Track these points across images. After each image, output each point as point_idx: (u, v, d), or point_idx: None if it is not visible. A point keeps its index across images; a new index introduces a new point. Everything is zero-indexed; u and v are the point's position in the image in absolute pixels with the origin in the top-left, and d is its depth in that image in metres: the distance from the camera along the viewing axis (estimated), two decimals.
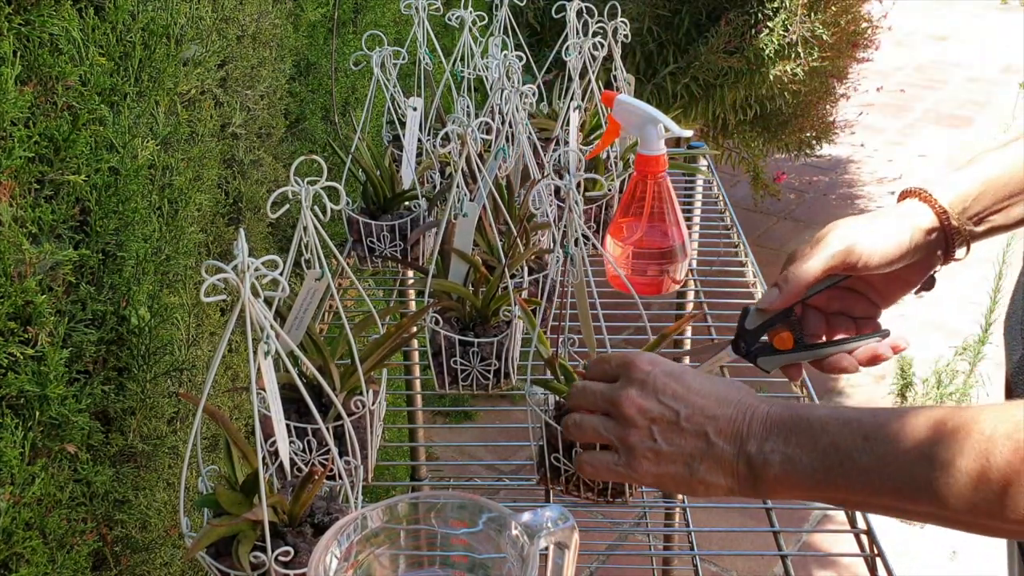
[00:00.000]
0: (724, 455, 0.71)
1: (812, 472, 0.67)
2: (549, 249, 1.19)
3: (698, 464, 0.71)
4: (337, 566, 0.63)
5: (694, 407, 0.72)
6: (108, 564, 1.12)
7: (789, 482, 0.68)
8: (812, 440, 0.67)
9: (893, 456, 0.64)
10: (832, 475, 0.66)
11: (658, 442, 0.73)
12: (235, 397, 1.42)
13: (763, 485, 0.70)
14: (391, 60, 1.30)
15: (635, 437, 0.73)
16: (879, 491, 0.65)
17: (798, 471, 0.68)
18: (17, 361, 0.93)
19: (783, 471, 0.68)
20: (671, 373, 0.74)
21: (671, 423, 0.72)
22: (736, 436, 0.70)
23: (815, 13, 2.84)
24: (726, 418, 0.71)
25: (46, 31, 0.95)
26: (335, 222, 1.68)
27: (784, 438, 0.68)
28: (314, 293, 0.87)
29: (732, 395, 0.73)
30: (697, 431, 0.72)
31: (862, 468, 0.65)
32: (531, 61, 1.36)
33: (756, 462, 0.69)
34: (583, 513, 2.17)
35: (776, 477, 0.68)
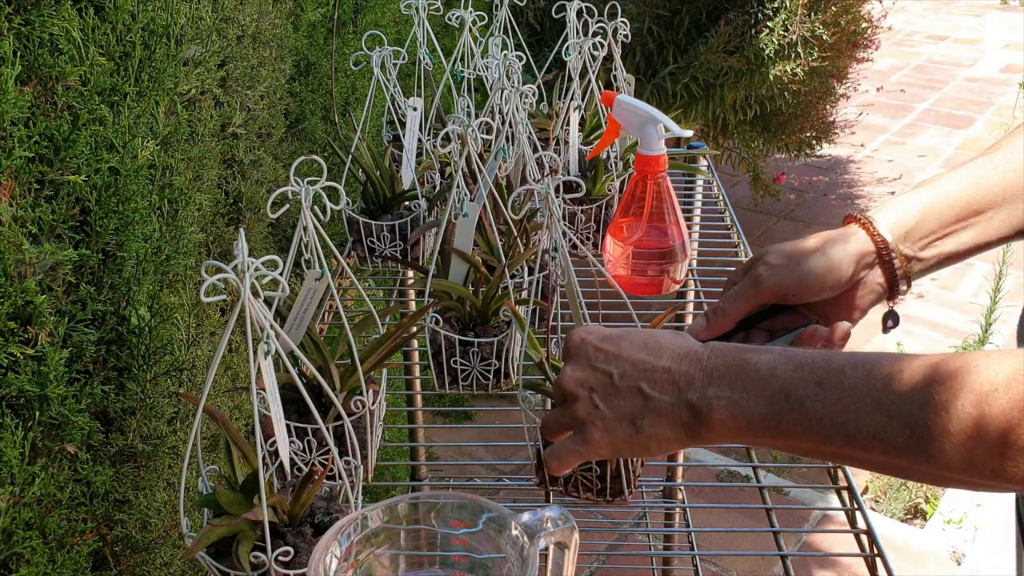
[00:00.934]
0: (663, 406, 0.69)
1: (761, 418, 0.65)
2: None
3: (640, 420, 0.70)
4: (337, 566, 0.63)
5: (626, 364, 0.71)
6: (108, 564, 1.12)
7: (735, 426, 0.66)
8: (760, 385, 0.65)
9: (848, 404, 0.62)
10: (782, 421, 0.64)
11: (600, 408, 0.71)
12: (235, 397, 1.42)
13: (708, 431, 0.68)
14: (391, 60, 1.30)
15: (581, 410, 0.72)
16: (830, 439, 0.63)
17: (745, 416, 0.66)
18: (17, 361, 0.93)
19: (729, 415, 0.66)
20: (605, 338, 0.73)
21: (608, 386, 0.71)
22: (673, 385, 0.69)
23: (815, 13, 2.84)
24: (660, 368, 0.69)
25: (46, 31, 0.95)
26: (335, 222, 1.68)
27: (729, 383, 0.66)
28: (314, 293, 0.87)
29: (667, 345, 0.71)
30: (632, 388, 0.70)
31: (815, 415, 0.63)
32: (531, 61, 1.36)
33: (700, 408, 0.67)
34: (583, 513, 2.17)
35: (722, 421, 0.67)
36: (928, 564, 2.33)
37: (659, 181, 1.13)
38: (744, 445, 0.69)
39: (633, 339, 0.72)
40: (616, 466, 0.89)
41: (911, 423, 0.59)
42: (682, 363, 0.69)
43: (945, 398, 0.58)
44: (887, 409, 0.60)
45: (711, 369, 0.68)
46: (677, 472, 1.88)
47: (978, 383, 0.57)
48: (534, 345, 0.96)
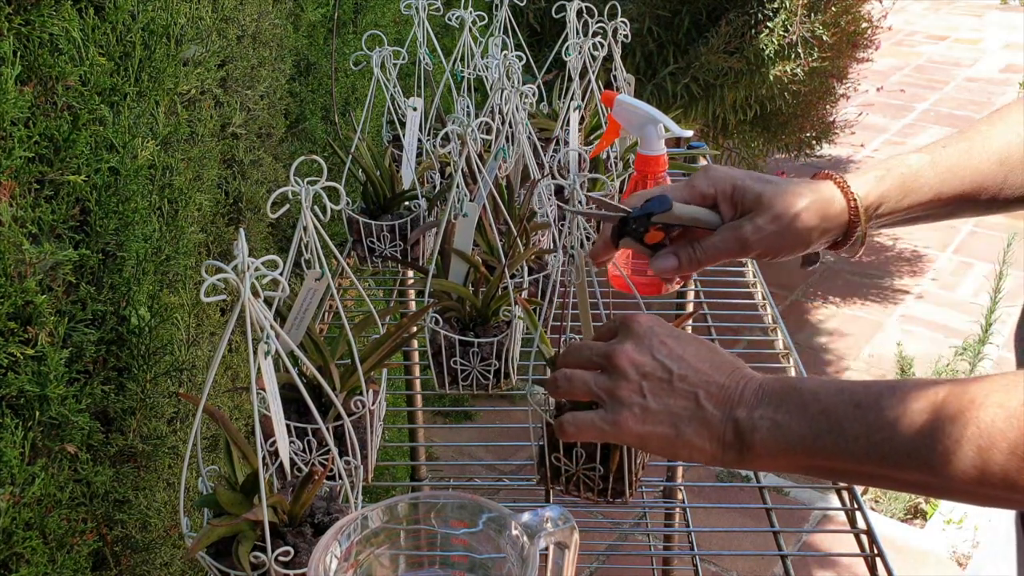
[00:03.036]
0: (712, 419, 0.70)
1: (800, 438, 0.67)
2: (549, 249, 1.19)
3: (685, 426, 0.71)
4: (337, 566, 0.63)
5: (688, 368, 0.72)
6: (108, 564, 1.12)
7: (775, 448, 0.68)
8: (802, 407, 0.67)
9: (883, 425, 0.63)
10: (820, 441, 0.66)
11: (647, 398, 0.71)
12: (235, 397, 1.42)
13: (749, 452, 0.69)
14: (391, 60, 1.30)
15: (624, 391, 0.72)
16: (866, 459, 0.64)
17: (786, 437, 0.67)
18: (17, 361, 0.93)
19: (770, 436, 0.67)
20: (671, 334, 0.74)
21: (663, 380, 0.72)
22: (727, 402, 0.70)
23: (815, 13, 2.84)
24: (718, 384, 0.71)
25: (46, 31, 0.95)
26: (335, 222, 1.68)
27: (775, 406, 0.68)
28: (314, 293, 0.87)
29: (728, 364, 0.73)
30: (688, 392, 0.71)
31: (851, 435, 0.64)
32: (531, 61, 1.36)
33: (744, 427, 0.68)
34: (583, 513, 2.17)
35: (763, 442, 0.68)
36: (928, 564, 2.33)
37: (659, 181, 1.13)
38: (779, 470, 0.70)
39: (699, 348, 0.74)
40: (619, 467, 0.89)
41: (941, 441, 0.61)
42: (739, 383, 0.71)
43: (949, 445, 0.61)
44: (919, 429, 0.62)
45: (762, 394, 0.69)
46: (677, 472, 1.88)
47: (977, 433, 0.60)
48: (545, 341, 0.96)
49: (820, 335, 3.32)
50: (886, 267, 3.70)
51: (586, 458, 0.89)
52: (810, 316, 3.43)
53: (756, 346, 1.28)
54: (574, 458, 0.90)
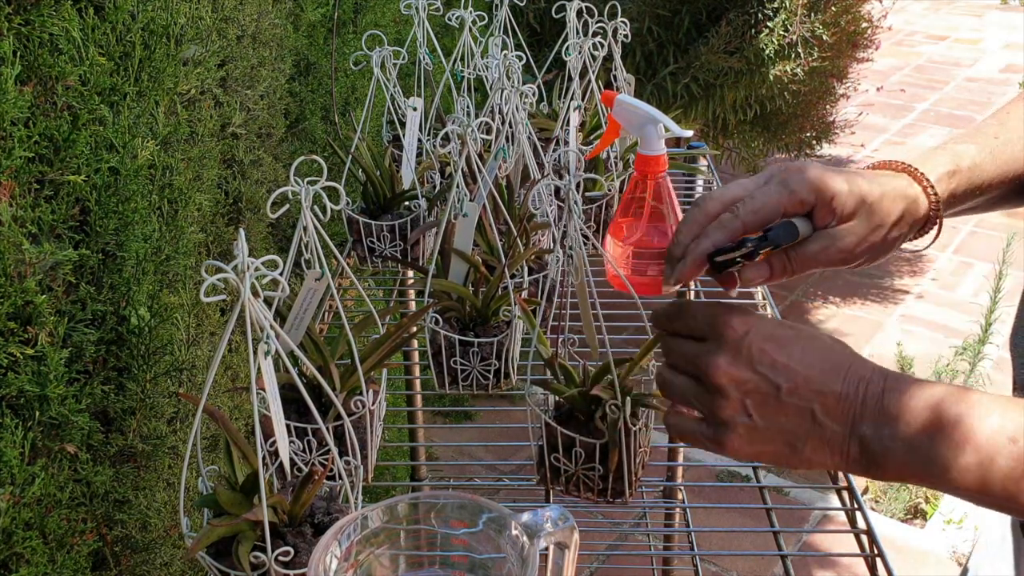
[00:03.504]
0: (834, 437, 0.63)
1: (944, 467, 0.61)
2: (549, 249, 1.19)
3: (802, 444, 0.64)
4: (337, 566, 0.63)
5: (797, 380, 0.64)
6: (108, 564, 1.12)
7: (910, 472, 0.62)
8: (945, 427, 0.60)
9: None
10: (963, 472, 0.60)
11: (753, 418, 0.64)
12: (235, 397, 1.42)
13: (878, 470, 0.63)
14: (391, 60, 1.30)
15: (727, 411, 0.65)
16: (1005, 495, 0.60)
17: (925, 465, 0.61)
18: (17, 361, 0.93)
19: (907, 460, 0.61)
20: (770, 337, 0.66)
21: (769, 396, 0.64)
22: (848, 415, 0.63)
23: (815, 13, 2.84)
24: (835, 395, 0.63)
25: (46, 31, 0.95)
26: (335, 222, 1.68)
27: (906, 422, 0.61)
28: (314, 293, 0.87)
29: (842, 364, 0.64)
30: (801, 408, 0.64)
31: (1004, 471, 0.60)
32: (531, 61, 1.36)
33: (873, 448, 0.62)
34: (583, 513, 2.17)
35: (897, 466, 0.62)
36: (928, 564, 2.33)
37: (659, 181, 1.13)
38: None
39: (805, 350, 0.65)
40: (618, 467, 0.89)
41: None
42: (858, 390, 0.64)
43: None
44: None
45: (888, 404, 0.62)
46: (677, 472, 1.88)
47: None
48: (543, 342, 0.96)
49: None
50: (886, 267, 3.70)
51: (585, 458, 0.89)
52: (810, 316, 3.43)
53: None
54: (573, 458, 0.90)
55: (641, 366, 0.91)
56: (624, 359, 0.91)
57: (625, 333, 1.16)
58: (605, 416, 0.88)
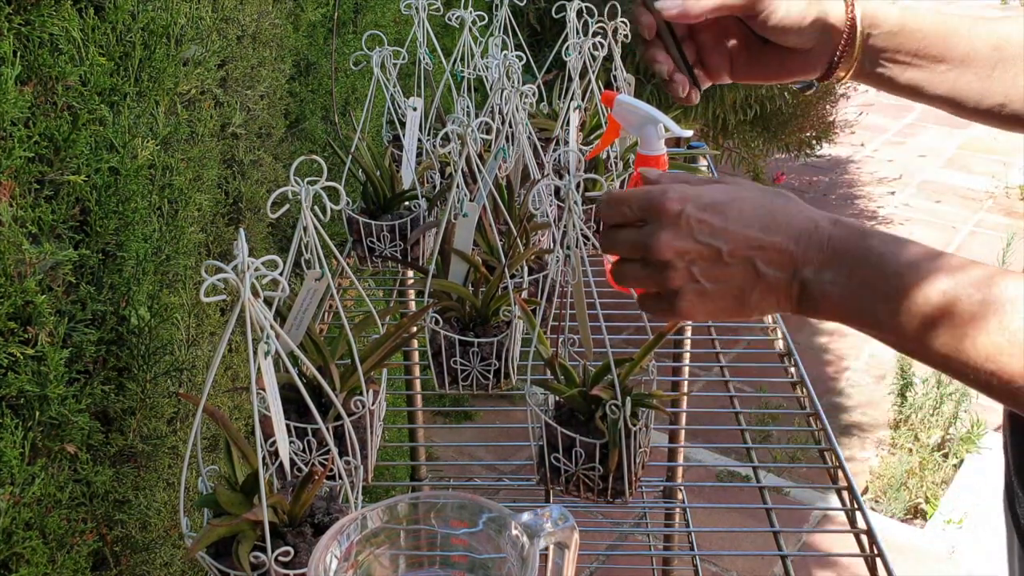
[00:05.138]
0: (778, 283, 0.67)
1: (872, 313, 0.64)
2: (549, 249, 1.19)
3: (749, 295, 0.68)
4: (337, 566, 0.63)
5: (737, 240, 0.68)
6: (108, 564, 1.12)
7: (846, 314, 0.66)
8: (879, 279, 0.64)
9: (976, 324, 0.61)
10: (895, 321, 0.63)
11: (701, 283, 0.68)
12: (235, 397, 1.42)
13: (813, 311, 0.67)
14: (391, 60, 1.30)
15: (677, 281, 0.69)
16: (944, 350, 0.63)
17: (858, 309, 0.65)
18: (17, 361, 0.93)
19: (840, 302, 0.65)
20: (707, 206, 0.69)
21: (713, 261, 0.68)
22: (790, 263, 0.67)
23: None
24: (774, 247, 0.67)
25: (46, 31, 0.95)
26: (335, 222, 1.68)
27: (848, 271, 0.65)
28: (314, 293, 0.87)
29: (780, 217, 0.68)
30: (744, 265, 0.68)
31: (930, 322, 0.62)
32: (531, 61, 1.36)
33: (812, 290, 0.66)
34: (583, 513, 2.17)
35: (830, 308, 0.66)
36: (928, 564, 2.33)
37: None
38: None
39: (743, 209, 0.69)
40: (618, 467, 0.89)
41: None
42: (799, 243, 0.67)
43: None
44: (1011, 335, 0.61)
45: (831, 252, 0.66)
46: (677, 472, 1.88)
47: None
48: (543, 342, 0.96)
49: (820, 335, 3.32)
50: None
51: (585, 458, 0.89)
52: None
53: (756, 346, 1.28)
54: (573, 458, 0.90)
55: (641, 366, 0.91)
56: (624, 359, 0.91)
57: (625, 333, 1.16)
58: (605, 416, 0.88)
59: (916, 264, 0.64)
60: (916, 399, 2.75)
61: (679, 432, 1.74)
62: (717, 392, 1.22)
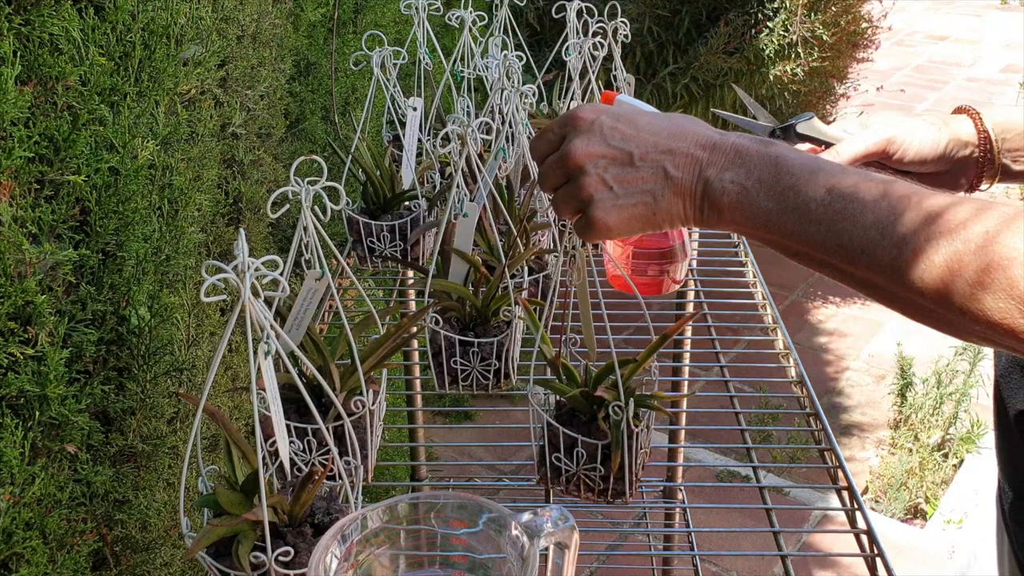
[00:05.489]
0: (683, 183, 0.69)
1: (765, 212, 0.66)
2: (549, 249, 1.19)
3: (659, 198, 0.70)
4: (337, 566, 0.63)
5: (647, 145, 0.70)
6: (108, 564, 1.12)
7: (741, 215, 0.67)
8: (774, 179, 0.66)
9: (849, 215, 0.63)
10: (785, 219, 0.65)
11: (614, 189, 0.70)
12: (235, 397, 1.42)
13: (715, 214, 0.69)
14: (391, 60, 1.30)
15: (588, 189, 0.71)
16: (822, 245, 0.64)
17: (752, 206, 0.67)
18: (17, 361, 0.93)
19: (738, 201, 0.67)
20: (619, 116, 0.71)
21: (624, 165, 0.70)
22: (695, 165, 0.69)
23: (815, 13, 2.84)
24: (682, 152, 0.70)
25: (46, 31, 0.95)
26: (335, 222, 1.68)
27: (746, 171, 0.67)
28: (314, 293, 0.86)
29: (688, 128, 0.71)
30: (654, 168, 0.70)
31: (815, 218, 0.64)
32: (531, 61, 1.36)
33: (714, 189, 0.68)
34: (583, 513, 2.17)
35: (730, 205, 0.67)
36: (928, 564, 2.33)
37: None
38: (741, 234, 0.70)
39: (653, 121, 0.71)
40: (619, 467, 0.89)
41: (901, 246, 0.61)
42: (706, 149, 0.69)
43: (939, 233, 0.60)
44: (883, 228, 0.62)
45: (734, 155, 0.68)
46: (677, 472, 1.88)
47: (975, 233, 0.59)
48: (546, 342, 0.96)
49: (820, 335, 3.32)
50: None
51: (587, 459, 0.89)
52: (810, 316, 3.43)
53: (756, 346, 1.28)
54: (575, 458, 0.90)
55: (644, 367, 0.91)
56: (627, 359, 0.91)
57: (625, 333, 1.16)
58: (608, 417, 0.88)
59: (809, 166, 0.66)
60: (916, 399, 2.75)
61: (679, 432, 1.74)
62: (717, 392, 1.22)
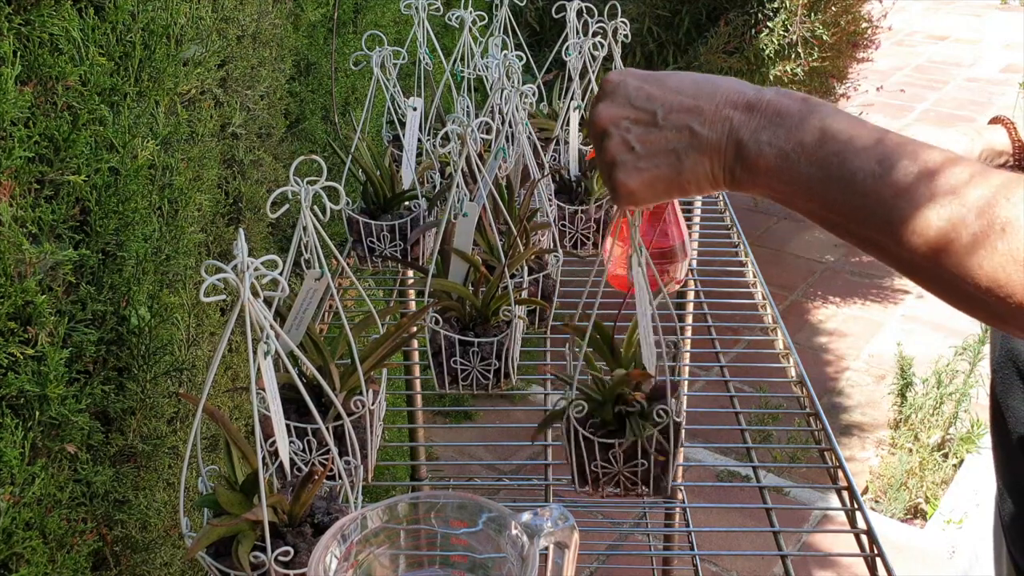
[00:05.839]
0: (711, 142, 0.65)
1: (807, 179, 0.61)
2: (549, 249, 1.19)
3: (684, 159, 0.66)
4: (337, 566, 0.63)
5: (672, 103, 0.66)
6: (108, 564, 1.12)
7: (779, 179, 0.63)
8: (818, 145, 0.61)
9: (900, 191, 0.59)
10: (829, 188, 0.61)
11: (636, 150, 0.67)
12: (235, 397, 1.42)
13: (748, 175, 0.64)
14: (391, 60, 1.30)
15: (611, 152, 0.68)
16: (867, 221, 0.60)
17: (792, 172, 0.62)
18: (17, 361, 0.93)
19: (775, 165, 0.62)
20: (647, 77, 0.68)
21: (648, 125, 0.67)
22: (724, 122, 0.65)
23: (815, 13, 2.84)
24: (711, 109, 0.65)
25: (46, 31, 0.95)
26: (335, 222, 1.68)
27: (786, 134, 0.62)
28: (314, 293, 0.86)
29: (720, 84, 0.66)
30: (679, 125, 0.66)
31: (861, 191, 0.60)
32: (531, 61, 1.36)
33: (748, 151, 0.64)
34: (583, 513, 2.17)
35: (767, 169, 0.63)
36: (928, 564, 2.33)
37: None
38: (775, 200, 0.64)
39: (681, 79, 0.67)
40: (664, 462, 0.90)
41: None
42: (738, 107, 0.65)
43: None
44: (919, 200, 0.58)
45: (772, 114, 0.63)
46: (677, 472, 1.88)
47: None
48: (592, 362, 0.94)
49: (820, 335, 3.32)
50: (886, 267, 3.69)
51: (624, 459, 0.90)
52: (810, 316, 3.43)
53: (756, 346, 1.28)
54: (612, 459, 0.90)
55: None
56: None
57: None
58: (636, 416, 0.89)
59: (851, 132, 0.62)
60: (916, 399, 2.75)
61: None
62: (717, 392, 1.22)
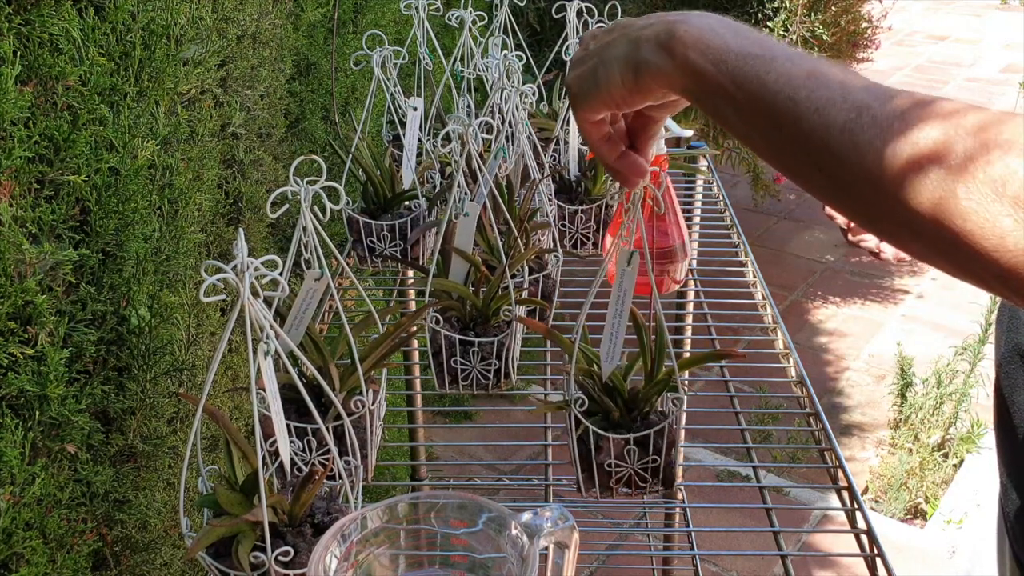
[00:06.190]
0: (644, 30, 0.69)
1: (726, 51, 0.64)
2: (549, 249, 1.19)
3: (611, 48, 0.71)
4: (337, 566, 0.63)
5: (623, 26, 0.73)
6: (108, 564, 1.12)
7: (701, 49, 0.65)
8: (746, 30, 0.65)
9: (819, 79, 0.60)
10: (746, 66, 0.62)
11: (589, 48, 0.73)
12: (235, 397, 1.42)
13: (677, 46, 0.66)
14: (391, 60, 1.30)
15: (575, 55, 0.75)
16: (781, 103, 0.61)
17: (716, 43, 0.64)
18: (17, 361, 0.93)
19: (700, 36, 0.65)
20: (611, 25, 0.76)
21: (601, 38, 0.73)
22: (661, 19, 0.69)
23: (815, 13, 2.84)
24: (656, 16, 0.71)
25: (46, 31, 0.95)
26: (335, 222, 1.68)
27: (719, 20, 0.66)
28: (314, 293, 0.86)
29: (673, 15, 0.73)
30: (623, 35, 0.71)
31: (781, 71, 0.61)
32: (531, 61, 1.36)
33: (677, 24, 0.67)
34: (583, 513, 2.17)
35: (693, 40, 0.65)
36: (928, 564, 2.33)
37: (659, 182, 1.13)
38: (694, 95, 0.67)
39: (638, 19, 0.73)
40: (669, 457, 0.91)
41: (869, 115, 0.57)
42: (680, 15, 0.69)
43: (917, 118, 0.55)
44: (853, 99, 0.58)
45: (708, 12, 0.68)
46: (677, 472, 1.88)
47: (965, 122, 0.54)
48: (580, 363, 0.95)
49: (820, 335, 3.32)
50: (886, 267, 3.70)
51: (638, 454, 0.91)
52: (810, 316, 3.43)
53: (756, 346, 1.28)
54: (626, 457, 0.91)
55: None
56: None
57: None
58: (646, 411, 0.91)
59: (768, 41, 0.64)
60: (916, 399, 2.75)
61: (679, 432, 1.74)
62: (717, 392, 1.22)
